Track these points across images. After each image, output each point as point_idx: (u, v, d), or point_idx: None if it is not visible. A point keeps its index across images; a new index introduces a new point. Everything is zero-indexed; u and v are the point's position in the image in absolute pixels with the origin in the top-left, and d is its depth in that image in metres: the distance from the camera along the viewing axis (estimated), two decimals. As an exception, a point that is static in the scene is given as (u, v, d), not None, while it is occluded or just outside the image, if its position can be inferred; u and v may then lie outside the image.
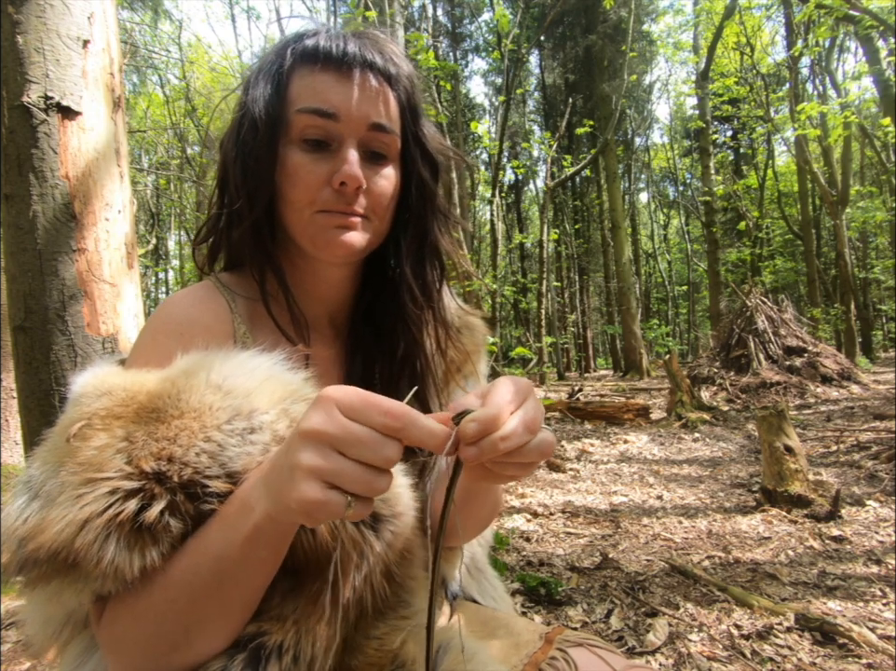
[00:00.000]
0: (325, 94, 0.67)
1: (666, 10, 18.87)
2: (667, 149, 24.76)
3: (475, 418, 0.43)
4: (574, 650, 0.67)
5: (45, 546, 0.47)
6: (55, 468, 0.51)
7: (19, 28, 1.48)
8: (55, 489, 0.49)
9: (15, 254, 1.49)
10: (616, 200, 15.15)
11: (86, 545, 0.47)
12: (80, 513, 0.47)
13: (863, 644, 1.63)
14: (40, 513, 0.48)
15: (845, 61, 18.62)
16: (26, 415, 1.53)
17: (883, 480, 3.37)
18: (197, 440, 0.51)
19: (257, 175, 0.69)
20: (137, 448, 0.51)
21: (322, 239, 0.69)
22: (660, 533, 2.81)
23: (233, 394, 0.54)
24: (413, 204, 0.74)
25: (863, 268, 19.69)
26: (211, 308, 0.69)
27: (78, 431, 0.52)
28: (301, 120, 0.67)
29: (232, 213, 0.71)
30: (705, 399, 6.75)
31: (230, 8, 16.85)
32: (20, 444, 3.29)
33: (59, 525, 0.47)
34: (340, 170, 0.66)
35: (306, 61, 0.69)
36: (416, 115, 0.74)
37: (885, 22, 6.62)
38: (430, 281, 0.78)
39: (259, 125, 0.68)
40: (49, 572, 0.48)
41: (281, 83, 0.69)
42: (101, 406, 0.54)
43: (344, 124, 0.67)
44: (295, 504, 0.42)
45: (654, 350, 19.65)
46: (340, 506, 0.42)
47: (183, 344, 0.61)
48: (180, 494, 0.50)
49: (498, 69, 17.73)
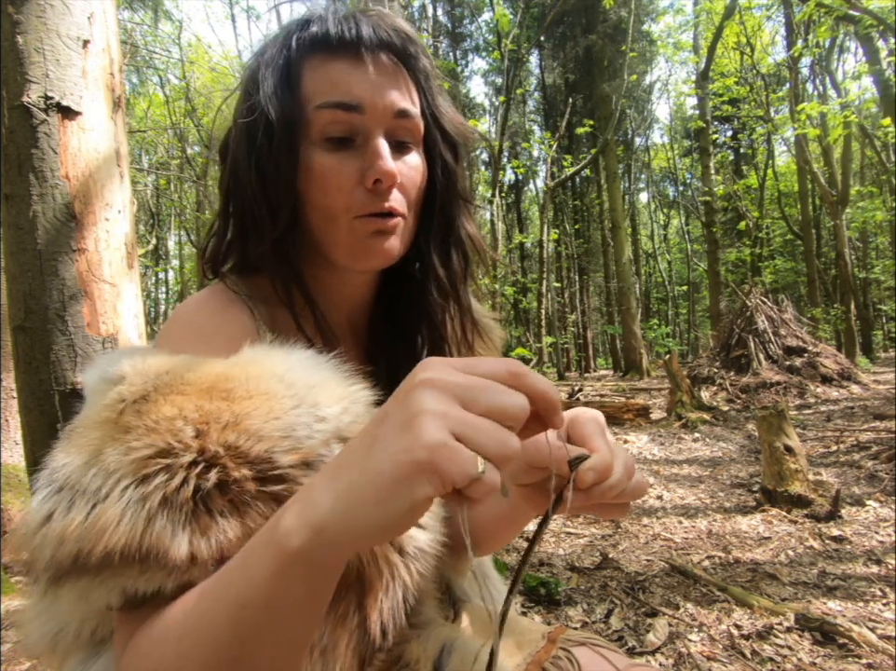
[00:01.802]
0: (345, 85, 0.60)
1: (666, 10, 18.89)
2: (667, 149, 24.76)
3: (593, 467, 0.42)
4: (577, 650, 0.67)
5: (106, 545, 0.42)
6: (88, 455, 0.46)
7: (19, 28, 1.48)
8: (96, 479, 0.44)
9: (15, 254, 1.49)
10: (616, 200, 15.15)
11: (156, 533, 0.42)
12: (151, 499, 0.43)
13: (863, 644, 1.63)
14: (85, 508, 0.43)
15: (845, 61, 18.64)
16: (26, 415, 1.53)
17: (883, 480, 3.37)
18: (270, 419, 0.48)
19: (278, 185, 0.61)
20: (209, 419, 0.47)
21: (361, 249, 0.63)
22: (660, 533, 2.81)
23: (295, 386, 0.51)
24: (437, 190, 0.68)
25: (863, 268, 19.69)
26: (235, 317, 0.63)
27: (131, 406, 0.48)
28: (322, 117, 0.60)
29: (247, 227, 0.65)
30: (705, 399, 6.75)
31: (230, 8, 16.87)
32: (20, 444, 3.29)
33: (123, 518, 0.42)
34: (373, 166, 0.60)
35: (317, 50, 0.62)
36: (433, 93, 0.68)
37: (885, 22, 6.62)
38: (457, 271, 0.72)
39: (276, 127, 0.61)
40: (86, 569, 0.44)
41: (292, 77, 0.62)
42: (162, 383, 0.50)
43: (369, 115, 0.61)
44: (423, 452, 0.31)
45: (654, 350, 19.64)
46: (472, 462, 0.32)
47: (210, 350, 0.56)
48: (248, 469, 0.46)
49: (498, 69, 17.72)
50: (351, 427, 0.51)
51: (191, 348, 0.57)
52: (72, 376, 1.48)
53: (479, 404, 0.34)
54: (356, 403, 0.52)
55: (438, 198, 0.69)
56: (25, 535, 0.46)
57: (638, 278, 22.15)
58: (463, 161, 0.72)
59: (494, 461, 0.33)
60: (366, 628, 0.51)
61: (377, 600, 0.50)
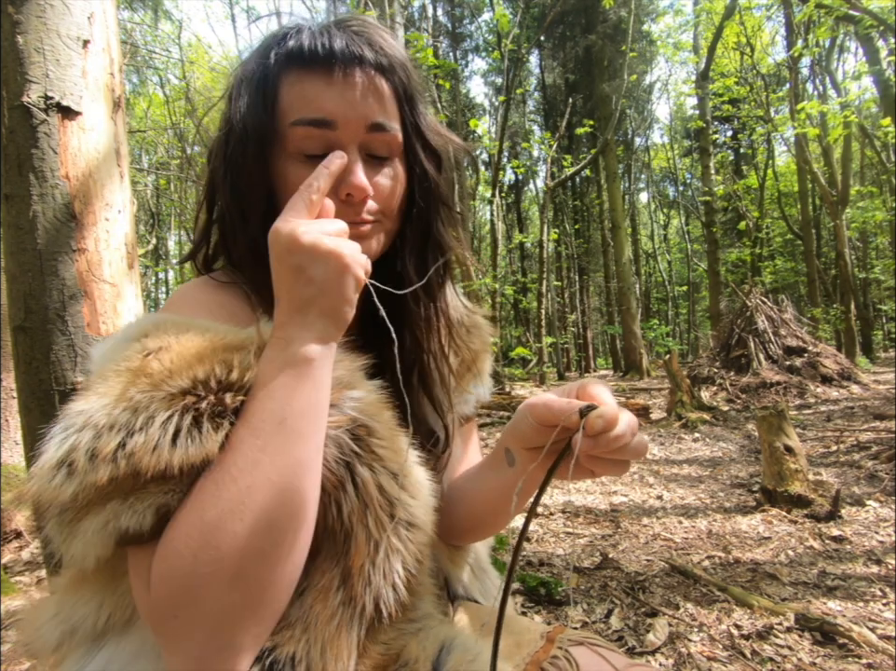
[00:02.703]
0: (318, 101, 0.62)
1: (666, 10, 18.89)
2: (667, 149, 24.76)
3: (602, 415, 0.46)
4: (575, 649, 0.67)
5: (146, 466, 0.46)
6: (114, 397, 0.50)
7: (19, 28, 1.48)
8: (124, 414, 0.48)
9: (15, 254, 1.49)
10: (616, 200, 15.15)
11: (183, 452, 0.47)
12: (182, 424, 0.48)
13: (863, 644, 1.63)
14: (116, 437, 0.47)
15: (845, 61, 18.62)
16: (26, 415, 1.53)
17: (883, 480, 3.37)
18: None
19: (248, 192, 0.65)
20: (234, 364, 0.53)
21: None
22: (660, 533, 2.81)
23: None
24: (416, 198, 0.71)
25: (863, 268, 19.69)
26: (235, 295, 0.67)
27: (154, 356, 0.53)
28: (297, 133, 0.63)
29: (226, 231, 0.69)
30: (705, 399, 6.75)
31: (230, 8, 16.86)
32: (20, 444, 3.29)
33: (159, 443, 0.47)
34: (345, 180, 0.63)
35: (293, 65, 0.64)
36: (413, 104, 0.69)
37: (885, 22, 6.61)
38: (433, 278, 0.74)
39: (246, 140, 0.64)
40: (117, 493, 0.47)
41: (268, 92, 0.64)
42: (182, 338, 0.55)
43: (342, 130, 0.63)
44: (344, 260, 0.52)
45: (654, 350, 19.65)
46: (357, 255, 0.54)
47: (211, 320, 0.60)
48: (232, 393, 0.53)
49: (498, 69, 17.73)
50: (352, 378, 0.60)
51: (194, 317, 0.60)
52: (72, 376, 1.48)
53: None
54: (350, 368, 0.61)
55: (416, 206, 0.71)
56: (37, 482, 0.48)
57: (638, 278, 22.14)
58: (447, 170, 0.74)
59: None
60: (353, 603, 0.53)
61: (364, 572, 0.54)
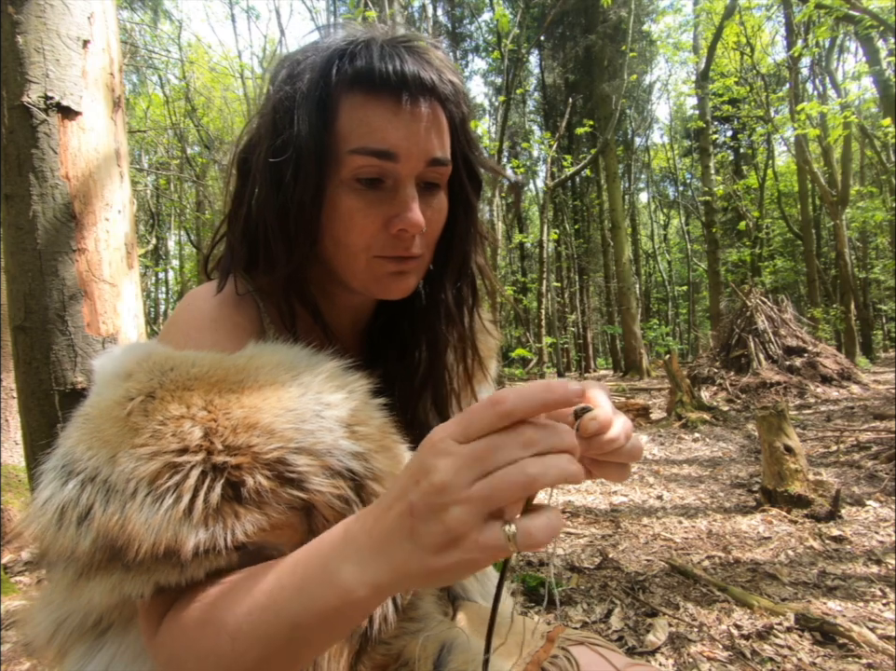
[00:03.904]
0: (382, 132, 0.59)
1: (666, 10, 18.86)
2: (667, 149, 24.76)
3: (596, 417, 0.45)
4: (575, 649, 0.67)
5: (139, 545, 0.45)
6: (109, 451, 0.48)
7: (19, 28, 1.48)
8: (120, 480, 0.47)
9: (15, 254, 1.49)
10: (616, 200, 15.14)
11: (181, 536, 0.46)
12: (171, 512, 0.46)
13: (863, 644, 1.63)
14: (119, 506, 0.46)
15: (845, 61, 18.63)
16: (26, 415, 1.53)
17: (883, 480, 3.37)
18: (280, 410, 0.51)
19: (299, 223, 0.61)
20: (218, 416, 0.49)
21: (378, 285, 0.65)
22: (660, 533, 2.81)
23: (301, 376, 0.54)
24: (458, 228, 0.70)
25: (863, 268, 19.68)
26: (242, 307, 0.64)
27: (138, 405, 0.50)
28: (355, 161, 0.59)
29: (260, 254, 0.65)
30: (705, 399, 6.75)
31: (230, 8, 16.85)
32: (20, 444, 3.29)
33: (147, 527, 0.45)
34: (401, 215, 0.60)
35: (358, 87, 0.59)
36: (467, 134, 0.67)
37: (885, 22, 6.61)
38: (466, 305, 0.75)
39: (306, 167, 0.60)
40: (120, 565, 0.46)
41: (330, 113, 0.60)
42: (167, 380, 0.52)
43: (403, 164, 0.60)
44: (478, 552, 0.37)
45: (654, 350, 19.64)
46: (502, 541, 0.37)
47: (217, 340, 0.58)
48: (264, 471, 0.49)
49: (498, 69, 17.72)
50: (356, 414, 0.54)
51: (198, 335, 0.59)
52: (72, 376, 1.48)
53: (495, 464, 0.37)
54: (355, 392, 0.56)
55: (457, 236, 0.70)
56: (46, 523, 0.47)
57: (638, 278, 22.14)
58: (483, 198, 0.73)
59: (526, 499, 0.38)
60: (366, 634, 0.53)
61: None
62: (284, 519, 0.50)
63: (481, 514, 0.36)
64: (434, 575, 0.38)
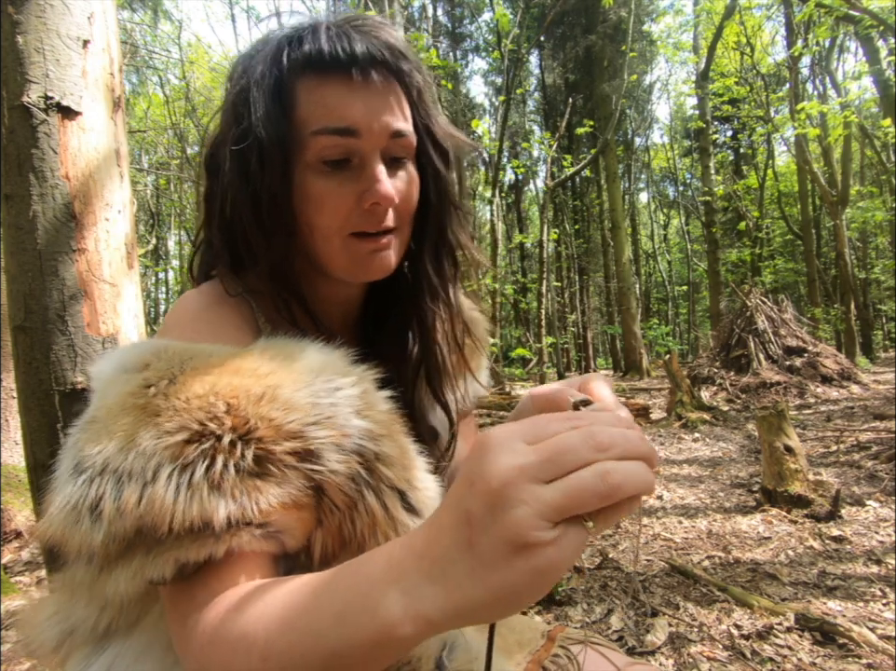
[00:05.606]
0: (340, 110, 0.60)
1: (666, 10, 18.87)
2: (667, 149, 24.75)
3: (595, 410, 0.43)
4: (576, 648, 0.67)
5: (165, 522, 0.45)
6: (121, 441, 0.47)
7: (19, 28, 1.48)
8: (137, 463, 0.46)
9: (15, 254, 1.49)
10: (616, 200, 15.14)
11: (207, 509, 0.45)
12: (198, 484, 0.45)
13: (863, 644, 1.63)
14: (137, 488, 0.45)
15: (845, 61, 18.61)
16: (26, 415, 1.52)
17: (883, 480, 3.37)
18: (297, 388, 0.52)
19: (273, 211, 0.62)
20: (239, 393, 0.50)
21: (358, 266, 0.65)
22: (660, 533, 2.81)
23: (310, 364, 0.55)
24: (430, 199, 0.70)
25: (863, 268, 19.68)
26: (236, 306, 0.65)
27: (161, 390, 0.50)
28: (318, 142, 0.60)
29: (241, 249, 0.65)
30: (705, 399, 6.75)
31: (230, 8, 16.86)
32: (20, 444, 3.29)
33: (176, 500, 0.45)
34: (371, 189, 0.61)
35: (310, 70, 0.61)
36: (425, 104, 0.68)
37: (885, 22, 6.61)
38: (448, 277, 0.74)
39: (269, 153, 0.60)
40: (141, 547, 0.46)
41: (285, 99, 0.61)
42: (189, 367, 0.52)
43: (365, 139, 0.61)
44: (539, 575, 0.33)
45: (654, 350, 19.64)
46: (580, 546, 0.33)
47: (214, 340, 0.58)
48: (286, 442, 0.49)
49: (498, 69, 17.73)
50: (365, 397, 0.55)
51: (197, 337, 0.58)
52: (72, 376, 1.48)
53: (563, 470, 0.33)
54: (363, 380, 0.57)
55: (431, 207, 0.70)
56: (63, 523, 0.47)
57: (638, 278, 22.14)
58: (454, 169, 0.73)
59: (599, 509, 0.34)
60: None
61: None
62: (303, 497, 0.50)
63: (554, 519, 0.32)
64: (498, 598, 0.33)
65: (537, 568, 0.32)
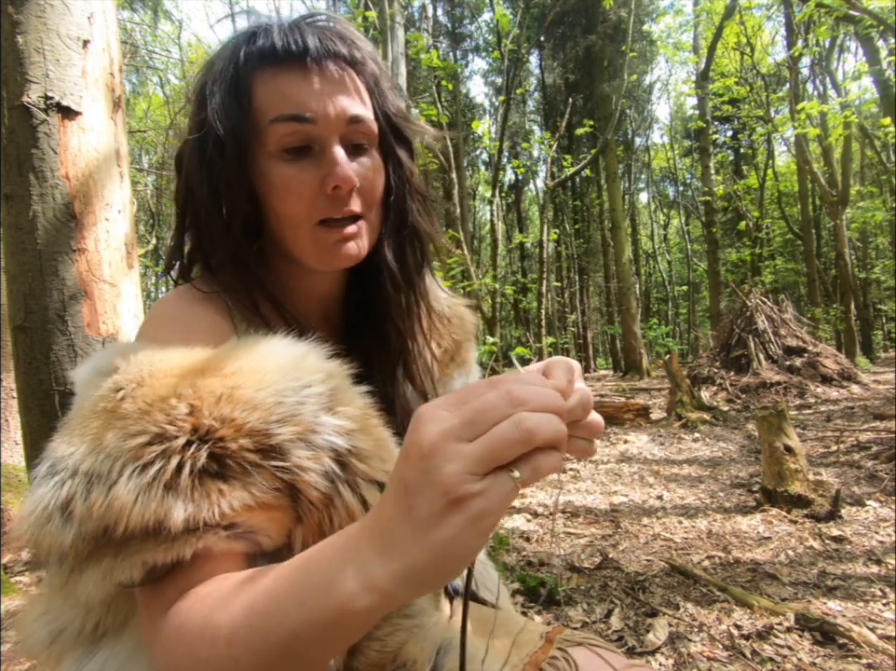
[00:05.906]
0: (297, 97, 0.62)
1: (666, 10, 18.86)
2: (667, 149, 24.76)
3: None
4: (574, 650, 0.67)
5: (126, 524, 0.45)
6: (91, 443, 0.49)
7: (19, 28, 1.48)
8: (104, 465, 0.47)
9: (15, 254, 1.49)
10: (616, 200, 15.14)
11: (166, 511, 0.46)
12: (155, 483, 0.46)
13: (863, 644, 1.63)
14: (103, 489, 0.46)
15: (845, 61, 18.61)
16: (26, 415, 1.53)
17: (883, 480, 3.37)
18: (261, 387, 0.52)
19: (229, 196, 0.64)
20: (202, 395, 0.50)
21: (328, 255, 0.66)
22: (660, 533, 2.81)
23: (279, 361, 0.55)
24: (392, 186, 0.71)
25: (863, 268, 19.67)
26: (212, 306, 0.65)
27: (128, 393, 0.51)
28: (277, 130, 0.62)
29: (203, 237, 0.67)
30: (705, 399, 6.75)
31: (230, 8, 16.84)
32: (20, 444, 3.29)
33: (135, 500, 0.46)
34: (331, 172, 0.62)
35: (266, 63, 0.63)
36: (384, 94, 0.70)
37: (885, 22, 6.61)
38: (411, 266, 0.75)
39: (225, 143, 0.62)
40: (108, 548, 0.47)
41: (242, 91, 0.63)
42: (156, 369, 0.53)
43: (322, 125, 0.63)
44: (477, 528, 0.35)
45: (654, 350, 19.63)
46: (511, 491, 0.35)
47: (189, 341, 0.59)
48: (245, 439, 0.49)
49: (498, 69, 17.73)
50: (336, 395, 0.54)
51: (171, 337, 0.59)
52: (72, 376, 1.48)
53: (485, 427, 0.36)
54: (334, 376, 0.56)
55: (393, 194, 0.71)
56: (34, 524, 0.48)
57: (638, 278, 22.15)
58: (417, 157, 0.74)
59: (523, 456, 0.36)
60: None
61: None
62: (270, 499, 0.50)
63: (479, 471, 0.35)
64: (441, 556, 0.35)
65: (470, 518, 0.35)
